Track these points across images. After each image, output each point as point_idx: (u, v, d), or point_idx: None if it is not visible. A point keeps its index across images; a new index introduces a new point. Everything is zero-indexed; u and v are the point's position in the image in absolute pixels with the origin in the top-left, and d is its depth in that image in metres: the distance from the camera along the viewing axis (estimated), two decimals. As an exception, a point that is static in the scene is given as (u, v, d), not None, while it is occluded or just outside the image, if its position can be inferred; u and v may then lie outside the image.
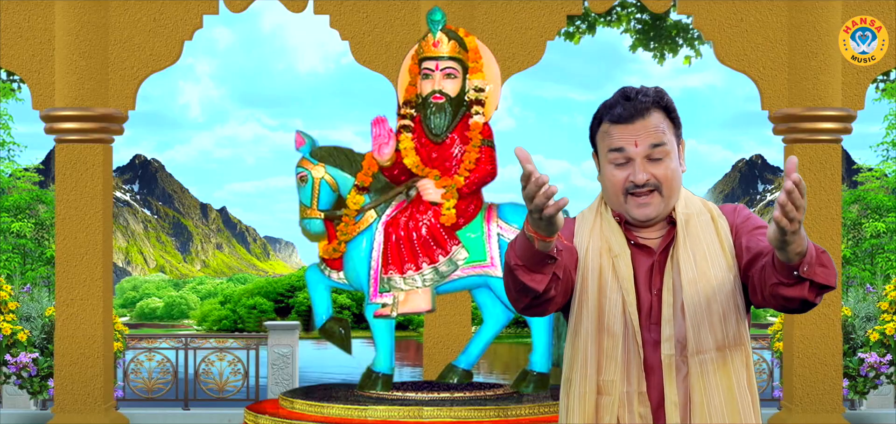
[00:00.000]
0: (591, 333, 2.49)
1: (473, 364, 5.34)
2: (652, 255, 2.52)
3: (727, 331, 2.47)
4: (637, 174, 2.45)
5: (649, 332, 2.48)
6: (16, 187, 13.25)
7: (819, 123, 7.48)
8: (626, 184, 2.47)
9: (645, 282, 2.50)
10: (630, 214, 2.49)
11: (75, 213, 7.54)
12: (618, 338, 2.47)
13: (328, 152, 5.13)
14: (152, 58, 7.58)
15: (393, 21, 7.54)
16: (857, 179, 14.25)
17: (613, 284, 2.49)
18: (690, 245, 2.49)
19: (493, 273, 5.03)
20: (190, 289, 50.61)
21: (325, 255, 5.14)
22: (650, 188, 2.46)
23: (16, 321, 8.45)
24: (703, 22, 7.57)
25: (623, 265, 2.49)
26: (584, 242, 2.54)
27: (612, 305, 2.48)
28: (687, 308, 2.46)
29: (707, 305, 2.46)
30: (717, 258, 2.49)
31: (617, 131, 2.48)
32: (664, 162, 2.47)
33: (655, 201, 2.47)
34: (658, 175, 2.46)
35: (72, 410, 7.53)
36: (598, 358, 2.48)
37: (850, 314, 8.72)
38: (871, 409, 9.26)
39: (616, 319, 2.48)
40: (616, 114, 2.49)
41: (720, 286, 2.47)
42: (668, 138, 2.48)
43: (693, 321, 2.45)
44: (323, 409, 4.82)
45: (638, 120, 2.47)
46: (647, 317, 2.49)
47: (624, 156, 2.47)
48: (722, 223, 2.53)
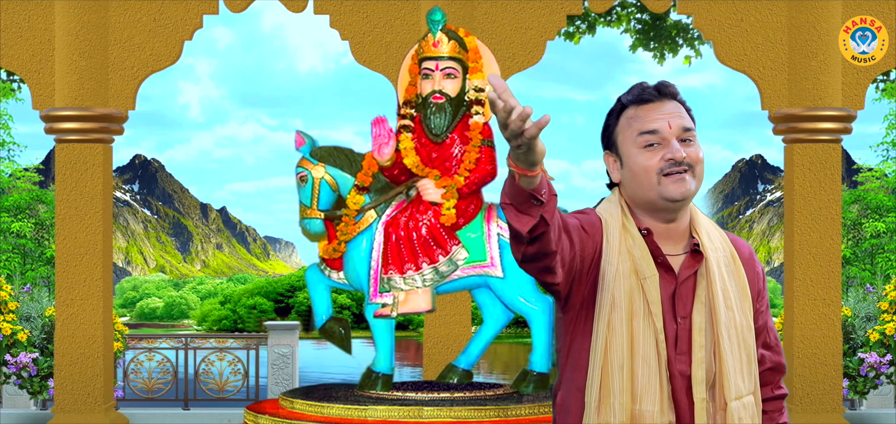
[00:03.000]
0: (624, 360, 2.40)
1: (473, 364, 5.34)
2: (674, 279, 2.44)
3: (750, 377, 2.47)
4: (675, 151, 2.40)
5: (676, 363, 2.42)
6: (16, 187, 13.25)
7: (819, 123, 7.48)
8: (662, 164, 2.40)
9: (668, 308, 2.43)
10: (666, 194, 2.41)
11: (75, 213, 7.54)
12: (653, 367, 2.39)
13: (328, 152, 5.13)
14: (152, 58, 7.58)
15: (393, 21, 7.54)
16: (857, 179, 14.25)
17: (644, 309, 2.41)
18: (722, 286, 2.44)
19: (493, 273, 5.03)
20: (190, 289, 50.62)
21: (325, 255, 5.14)
22: (686, 166, 2.41)
23: (16, 321, 8.45)
24: (703, 22, 7.57)
25: (652, 288, 2.41)
26: (613, 259, 2.44)
27: (644, 331, 2.40)
28: (724, 353, 2.41)
29: (739, 350, 2.44)
30: (743, 302, 2.48)
31: (647, 113, 2.44)
32: (695, 144, 2.44)
33: (690, 180, 2.42)
34: (691, 156, 2.42)
35: (72, 410, 7.53)
36: (632, 386, 2.39)
37: (850, 314, 8.72)
38: (871, 409, 9.26)
39: (650, 347, 2.40)
40: (646, 95, 2.46)
41: (747, 331, 2.47)
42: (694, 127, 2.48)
43: (730, 367, 2.42)
44: (323, 409, 4.82)
45: (668, 101, 2.45)
46: (672, 347, 2.42)
47: (658, 137, 2.41)
48: (741, 268, 2.51)
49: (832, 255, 7.55)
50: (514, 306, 5.07)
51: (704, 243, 2.46)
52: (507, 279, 5.02)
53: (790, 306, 7.58)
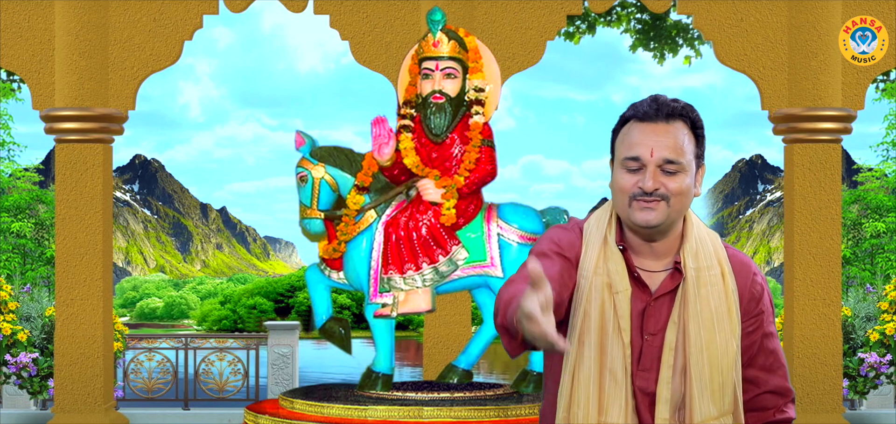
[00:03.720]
0: (592, 373, 2.43)
1: (473, 364, 5.34)
2: (647, 296, 2.45)
3: (725, 399, 2.43)
4: (646, 181, 2.39)
5: (636, 378, 2.43)
6: (16, 187, 13.25)
7: (819, 123, 7.48)
8: (634, 190, 2.41)
9: (636, 324, 2.44)
10: (632, 218, 2.42)
11: (75, 213, 7.54)
12: (620, 381, 2.41)
13: (328, 152, 5.12)
14: (152, 58, 7.58)
15: (393, 21, 7.54)
16: (857, 179, 14.25)
17: (614, 323, 2.43)
18: (700, 306, 2.42)
19: (493, 273, 5.03)
20: (190, 289, 50.61)
21: (325, 255, 5.14)
22: (658, 198, 2.40)
23: (16, 321, 8.45)
24: (703, 22, 7.57)
25: (623, 302, 2.43)
26: (588, 272, 2.47)
27: (613, 345, 2.42)
28: (692, 375, 2.40)
29: (710, 373, 2.41)
30: (723, 323, 2.43)
31: (637, 133, 2.43)
32: (678, 176, 2.41)
33: (661, 208, 2.40)
34: (669, 187, 2.40)
35: (72, 410, 7.53)
36: (599, 399, 2.43)
37: (850, 314, 8.72)
38: (871, 409, 9.26)
39: (617, 361, 2.42)
40: (642, 110, 2.44)
41: (723, 353, 2.42)
42: (687, 158, 2.42)
43: (697, 390, 2.40)
44: (323, 409, 4.82)
45: (661, 122, 2.42)
46: (635, 363, 2.43)
47: (638, 164, 2.41)
48: (732, 284, 2.46)
49: (832, 255, 7.55)
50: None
51: (687, 261, 2.45)
52: (507, 279, 5.02)
53: (790, 306, 7.58)
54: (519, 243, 5.03)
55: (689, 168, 2.43)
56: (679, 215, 2.45)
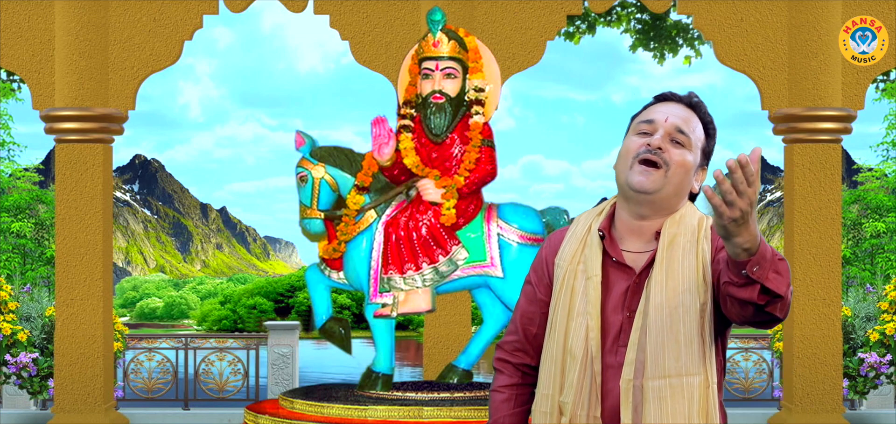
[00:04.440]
0: (556, 353, 2.50)
1: (473, 364, 5.34)
2: (631, 276, 2.48)
3: (688, 359, 2.42)
4: (654, 138, 2.45)
5: (614, 355, 2.46)
6: (16, 187, 13.26)
7: (819, 123, 7.48)
8: (640, 148, 2.45)
9: (617, 304, 2.47)
10: (630, 181, 2.45)
11: (75, 213, 7.54)
12: (577, 361, 2.46)
13: (328, 152, 5.13)
14: (152, 58, 7.58)
15: (393, 21, 7.54)
16: (857, 179, 14.26)
17: (582, 306, 2.48)
18: (666, 267, 2.44)
19: (493, 273, 5.03)
20: (190, 289, 50.60)
21: (325, 255, 5.14)
22: (659, 163, 2.44)
23: (16, 321, 8.45)
24: (703, 22, 7.57)
25: (592, 289, 2.48)
26: (564, 261, 2.55)
27: (577, 327, 2.48)
28: (650, 331, 2.42)
29: (670, 329, 2.41)
30: (690, 282, 2.44)
31: (658, 106, 2.51)
32: (683, 150, 2.46)
33: (658, 175, 2.44)
34: (672, 155, 2.44)
35: (72, 410, 7.53)
36: (560, 379, 2.49)
37: (850, 314, 8.72)
38: (871, 409, 9.25)
39: (578, 342, 2.47)
40: (664, 94, 2.54)
41: (687, 310, 2.42)
42: (695, 137, 2.49)
43: (654, 345, 2.41)
44: (323, 409, 4.82)
45: (680, 104, 2.51)
46: (614, 340, 2.46)
47: (651, 127, 2.47)
48: (705, 246, 2.47)
49: (832, 255, 7.55)
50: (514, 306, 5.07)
51: (666, 229, 2.47)
52: (507, 278, 5.03)
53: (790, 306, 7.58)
54: (519, 244, 5.03)
55: (694, 149, 2.48)
56: (674, 191, 2.47)
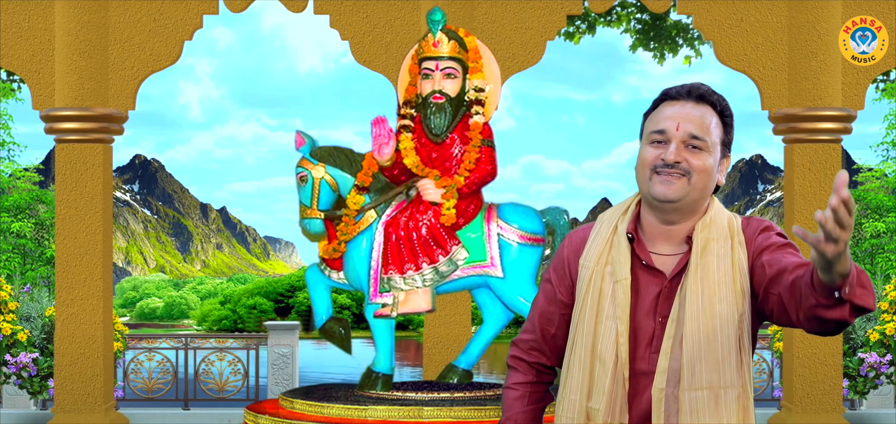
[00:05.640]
0: (584, 358, 2.46)
1: (473, 364, 5.34)
2: (662, 280, 2.44)
3: (725, 371, 2.39)
4: (668, 153, 2.39)
5: (646, 362, 2.42)
6: (16, 187, 13.27)
7: (819, 123, 7.48)
8: (656, 162, 2.41)
9: (649, 309, 2.44)
10: (652, 192, 2.41)
11: (75, 213, 7.54)
12: (608, 367, 2.42)
13: (328, 152, 5.13)
14: (152, 58, 7.58)
15: (393, 21, 7.54)
16: (857, 179, 14.27)
17: (610, 310, 2.44)
18: (701, 274, 2.40)
19: (493, 273, 5.03)
20: (190, 289, 50.62)
21: (325, 255, 5.14)
22: (680, 173, 2.40)
23: (16, 321, 8.45)
24: (703, 22, 7.57)
25: (621, 292, 2.43)
26: (590, 262, 2.49)
27: (607, 332, 2.43)
28: (686, 341, 2.38)
29: (707, 340, 2.38)
30: (727, 292, 2.40)
31: (666, 109, 2.45)
32: (701, 154, 2.41)
33: (681, 183, 2.40)
34: (692, 163, 2.40)
35: (72, 410, 7.53)
36: (589, 384, 2.45)
37: (851, 314, 8.71)
38: (871, 409, 9.25)
39: (608, 347, 2.43)
40: (673, 91, 2.47)
41: (725, 322, 2.39)
42: (712, 138, 2.43)
43: (690, 356, 2.38)
44: (323, 409, 4.82)
45: (690, 102, 2.44)
46: (647, 346, 2.43)
47: (664, 137, 2.42)
48: (741, 253, 2.43)
49: (832, 255, 7.54)
50: (514, 306, 5.08)
51: (698, 233, 2.44)
52: (507, 278, 5.03)
53: (790, 306, 7.58)
54: (519, 243, 5.03)
55: (713, 150, 2.44)
56: (700, 195, 2.43)
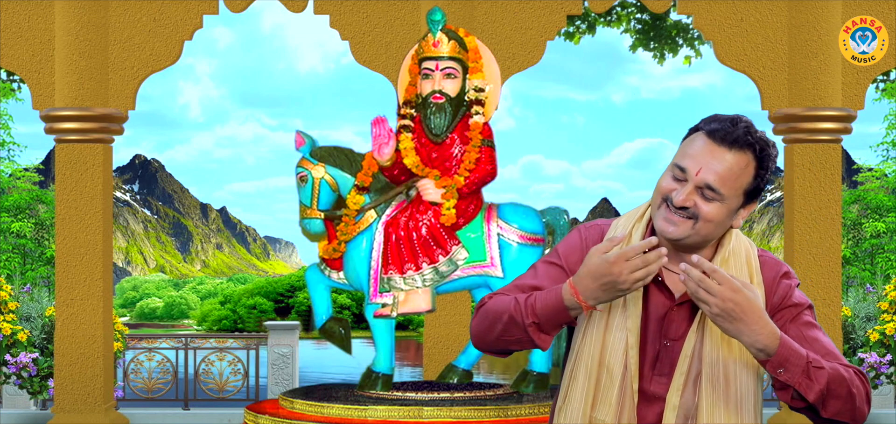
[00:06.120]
0: (591, 367, 2.43)
1: (473, 364, 5.34)
2: (670, 301, 2.43)
3: (742, 414, 2.39)
4: (678, 195, 2.36)
5: (649, 382, 2.41)
6: (16, 187, 13.27)
7: (819, 123, 7.48)
8: (669, 195, 2.38)
9: (655, 329, 2.42)
10: (657, 223, 2.40)
11: (75, 213, 7.54)
12: (615, 379, 2.40)
13: (328, 152, 5.13)
14: (152, 58, 7.58)
15: (393, 21, 7.54)
16: (857, 179, 14.27)
17: (621, 322, 2.41)
18: None
19: (493, 273, 5.03)
20: (190, 289, 50.63)
21: (325, 255, 5.14)
22: (687, 216, 2.37)
23: (16, 321, 8.45)
24: (703, 22, 7.57)
25: (632, 304, 2.41)
26: None
27: (616, 342, 2.41)
28: (704, 387, 2.37)
29: (725, 386, 2.38)
30: None
31: (698, 146, 2.38)
32: (713, 204, 2.36)
33: (685, 226, 2.37)
34: (701, 209, 2.36)
35: (72, 410, 7.53)
36: (594, 394, 2.42)
37: (850, 314, 8.72)
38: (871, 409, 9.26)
39: (617, 359, 2.41)
40: (713, 126, 2.38)
41: (743, 367, 2.38)
42: (731, 191, 2.36)
43: (709, 401, 2.37)
44: (323, 409, 4.82)
45: (724, 147, 2.36)
46: (651, 366, 2.42)
47: (684, 175, 2.37)
48: (759, 293, 2.39)
49: (832, 255, 7.55)
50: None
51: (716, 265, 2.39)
52: (507, 279, 5.02)
53: (790, 306, 7.58)
54: (519, 243, 5.03)
55: (729, 200, 2.38)
56: (703, 240, 2.41)
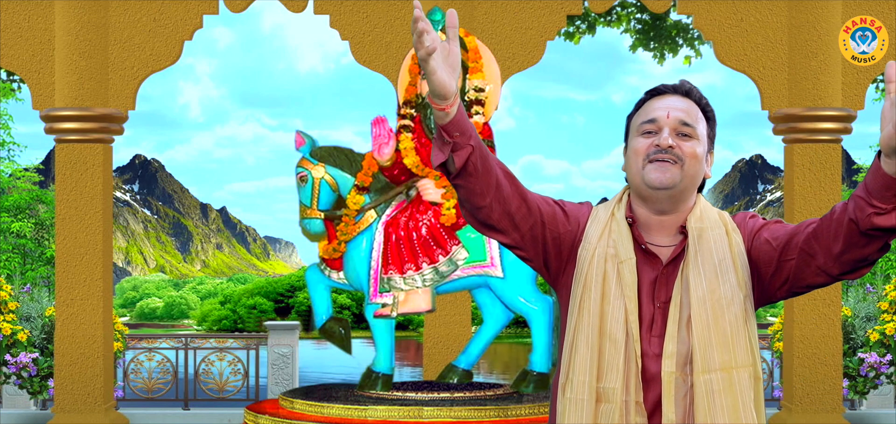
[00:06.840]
0: (592, 339, 2.47)
1: (473, 364, 5.34)
2: (658, 265, 2.48)
3: (736, 350, 2.43)
4: (662, 138, 2.43)
5: (649, 344, 2.46)
6: (16, 187, 13.27)
7: (819, 123, 7.48)
8: (650, 150, 2.44)
9: (648, 293, 2.48)
10: (647, 179, 2.44)
11: (75, 213, 7.55)
12: (620, 346, 2.44)
13: (328, 152, 5.13)
14: (152, 58, 7.59)
15: (393, 21, 7.54)
16: (857, 179, 14.26)
17: (617, 290, 2.46)
18: (701, 260, 2.45)
19: (493, 273, 5.03)
20: (190, 289, 50.62)
21: (325, 255, 5.14)
22: (673, 159, 2.44)
23: (16, 321, 8.45)
24: (703, 22, 7.57)
25: (627, 272, 2.46)
26: (591, 243, 2.52)
27: (615, 311, 2.46)
28: (694, 325, 2.42)
29: (715, 323, 2.43)
30: (728, 275, 2.45)
31: (654, 102, 2.50)
32: (692, 141, 2.46)
33: (675, 169, 2.44)
34: (684, 149, 2.45)
35: (72, 410, 7.53)
36: (599, 365, 2.46)
37: (850, 314, 8.72)
38: (871, 409, 9.25)
39: (618, 326, 2.45)
40: (659, 87, 2.53)
41: (729, 303, 2.44)
42: (700, 128, 2.49)
43: (700, 339, 2.42)
44: (323, 409, 4.82)
45: (676, 96, 2.50)
46: (648, 329, 2.46)
47: (655, 126, 2.46)
48: (736, 237, 2.50)
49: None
50: (514, 306, 5.08)
51: (691, 223, 2.49)
52: (507, 279, 5.03)
53: (790, 306, 7.58)
54: (519, 243, 5.03)
55: (701, 140, 2.48)
56: (691, 183, 2.48)
